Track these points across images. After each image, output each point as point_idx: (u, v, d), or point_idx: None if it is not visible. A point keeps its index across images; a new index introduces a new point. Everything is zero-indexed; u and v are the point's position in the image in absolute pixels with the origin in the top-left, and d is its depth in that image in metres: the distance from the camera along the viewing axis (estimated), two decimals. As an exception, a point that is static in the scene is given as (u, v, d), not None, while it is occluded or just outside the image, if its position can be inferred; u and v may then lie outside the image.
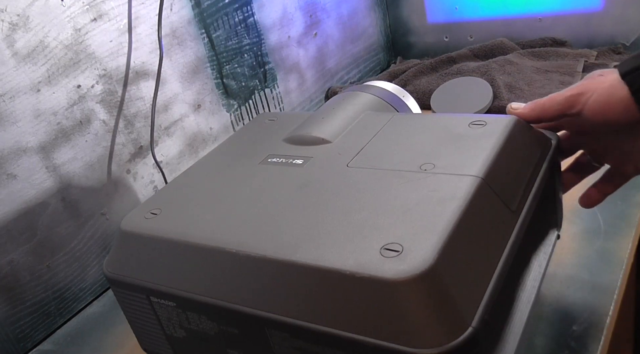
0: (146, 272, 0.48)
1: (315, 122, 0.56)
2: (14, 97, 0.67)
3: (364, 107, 0.59)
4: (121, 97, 0.79)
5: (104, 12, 0.75)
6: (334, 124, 0.56)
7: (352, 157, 0.50)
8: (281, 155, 0.53)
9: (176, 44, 0.86)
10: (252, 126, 0.63)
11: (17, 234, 0.69)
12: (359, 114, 0.57)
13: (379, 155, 0.49)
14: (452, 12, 1.25)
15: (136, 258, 0.48)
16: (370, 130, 0.54)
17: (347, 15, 1.22)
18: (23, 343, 0.71)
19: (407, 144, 0.50)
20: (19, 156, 0.68)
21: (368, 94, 0.62)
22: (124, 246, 0.49)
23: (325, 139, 0.53)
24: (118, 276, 0.49)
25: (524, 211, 0.44)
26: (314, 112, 0.60)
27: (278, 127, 0.60)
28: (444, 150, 0.47)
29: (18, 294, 0.70)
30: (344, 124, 0.56)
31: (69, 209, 0.74)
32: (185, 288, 0.45)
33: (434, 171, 0.45)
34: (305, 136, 0.55)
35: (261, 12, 1.00)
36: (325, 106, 0.61)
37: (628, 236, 0.63)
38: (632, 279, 0.77)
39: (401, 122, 0.54)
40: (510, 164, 0.46)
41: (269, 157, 0.54)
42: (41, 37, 0.69)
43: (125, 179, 0.81)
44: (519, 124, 0.50)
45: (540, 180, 0.48)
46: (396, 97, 0.63)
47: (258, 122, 0.63)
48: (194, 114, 0.90)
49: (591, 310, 0.55)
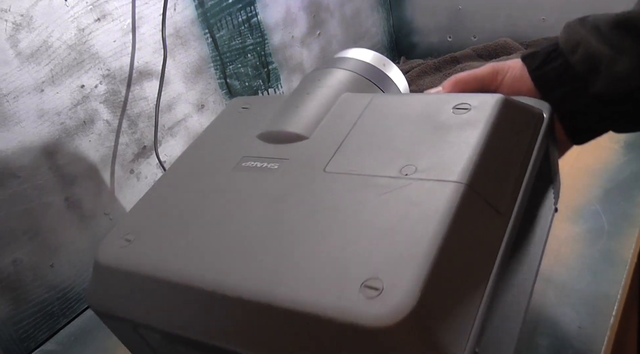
0: (127, 306, 0.46)
1: (289, 113, 0.53)
2: (18, 97, 0.67)
3: (341, 87, 0.54)
4: (125, 97, 0.79)
5: (108, 12, 0.75)
6: (309, 115, 0.52)
7: (329, 159, 0.46)
8: (255, 157, 0.50)
9: (180, 44, 0.86)
10: (226, 117, 0.59)
11: (20, 234, 0.69)
12: (335, 97, 0.53)
13: (357, 154, 0.46)
14: (456, 12, 1.25)
15: (116, 292, 0.47)
16: (347, 120, 0.50)
17: (351, 15, 1.22)
18: (26, 343, 0.72)
19: (386, 139, 0.46)
20: (23, 156, 0.68)
21: (344, 70, 0.57)
22: (102, 278, 0.47)
23: (301, 134, 0.50)
24: (99, 307, 0.47)
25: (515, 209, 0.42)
26: (289, 97, 0.56)
27: (252, 118, 0.56)
28: (425, 146, 0.44)
29: (21, 294, 0.70)
30: (319, 112, 0.52)
31: (72, 209, 0.74)
32: (168, 323, 0.43)
33: (415, 175, 0.41)
34: (279, 132, 0.51)
35: (265, 12, 1.00)
36: (300, 89, 0.56)
37: (632, 236, 0.62)
38: (635, 279, 0.77)
39: (380, 108, 0.50)
40: (498, 158, 0.43)
41: (243, 160, 0.50)
42: (45, 37, 0.69)
43: (128, 179, 0.81)
44: (507, 104, 0.45)
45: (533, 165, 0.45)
46: (375, 70, 0.58)
47: (232, 111, 0.59)
48: (197, 114, 0.90)
49: (595, 310, 0.54)
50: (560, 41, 0.51)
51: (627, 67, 0.46)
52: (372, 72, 0.57)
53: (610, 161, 0.76)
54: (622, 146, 0.79)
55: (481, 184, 0.40)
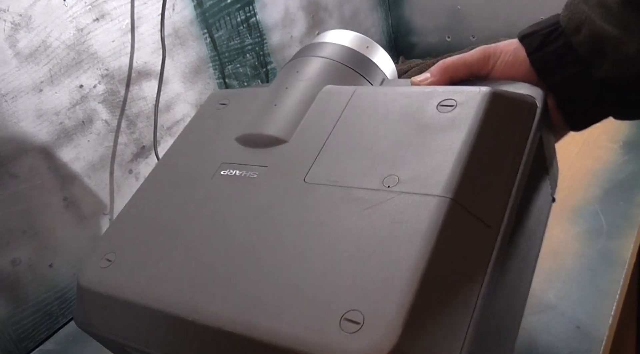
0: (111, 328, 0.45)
1: (268, 114, 0.50)
2: (17, 97, 0.67)
3: (321, 79, 0.51)
4: (123, 97, 0.79)
5: (106, 12, 0.75)
6: (288, 115, 0.49)
7: (309, 167, 0.44)
8: (234, 164, 0.48)
9: (178, 44, 0.86)
10: (204, 116, 0.57)
11: (19, 234, 0.69)
12: (315, 91, 0.50)
13: (338, 161, 0.43)
14: (455, 12, 1.25)
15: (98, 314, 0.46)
16: (328, 120, 0.47)
17: (350, 15, 1.22)
18: (25, 342, 0.71)
19: (368, 142, 0.44)
20: (22, 155, 0.68)
21: (324, 58, 0.53)
22: (84, 301, 0.47)
23: (280, 138, 0.48)
24: (86, 327, 0.47)
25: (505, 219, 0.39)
26: (268, 91, 0.53)
27: (230, 117, 0.54)
28: (409, 151, 0.41)
29: (20, 294, 0.70)
30: (298, 112, 0.49)
31: (71, 209, 0.74)
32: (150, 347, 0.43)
33: (397, 187, 0.39)
34: (258, 136, 0.49)
35: (263, 12, 1.00)
36: (279, 82, 0.53)
37: (631, 236, 0.62)
38: (634, 279, 0.77)
39: (361, 105, 0.47)
40: (486, 164, 0.40)
41: (222, 167, 0.49)
42: (43, 37, 0.69)
43: (127, 179, 0.81)
44: (494, 99, 0.42)
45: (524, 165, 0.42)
46: (357, 55, 0.54)
47: (209, 109, 0.57)
48: (196, 114, 0.90)
49: (594, 310, 0.54)
50: (562, 20, 0.47)
51: (636, 49, 0.43)
52: (354, 59, 0.54)
53: (610, 161, 0.76)
54: (621, 146, 0.79)
55: (467, 196, 0.37)
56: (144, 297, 0.42)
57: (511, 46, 0.49)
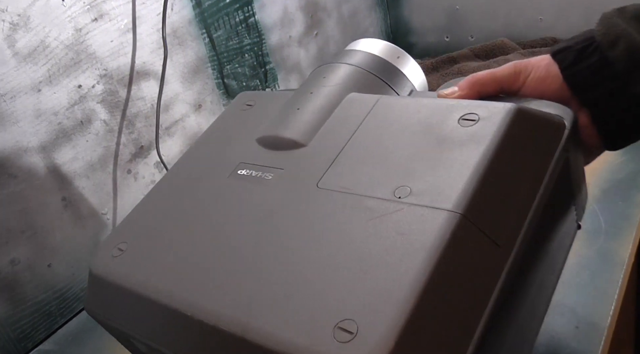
0: (117, 316, 0.46)
1: (290, 116, 0.51)
2: (15, 97, 0.67)
3: (347, 86, 0.51)
4: (122, 97, 0.79)
5: (105, 12, 0.75)
6: (309, 119, 0.49)
7: (323, 172, 0.44)
8: (251, 165, 0.49)
9: (177, 44, 0.86)
10: (229, 115, 0.57)
11: (18, 234, 0.69)
12: (339, 98, 0.50)
13: (353, 169, 0.43)
14: (453, 12, 1.25)
15: (107, 301, 0.47)
16: (348, 127, 0.47)
17: (348, 15, 1.22)
18: (24, 342, 0.71)
19: (384, 153, 0.43)
20: (20, 156, 0.68)
21: (352, 66, 0.53)
22: (95, 288, 0.48)
23: (299, 142, 0.48)
24: (94, 314, 0.48)
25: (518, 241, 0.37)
26: (293, 95, 0.54)
27: (254, 118, 0.54)
28: (424, 163, 0.40)
29: (19, 294, 0.70)
30: (320, 117, 0.49)
31: (69, 209, 0.74)
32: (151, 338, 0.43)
33: (408, 199, 0.38)
34: (277, 138, 0.50)
35: (262, 12, 1.00)
36: (305, 87, 0.53)
37: (629, 236, 0.63)
38: (632, 280, 0.77)
39: (383, 115, 0.47)
40: (502, 182, 0.38)
41: (239, 166, 0.49)
42: (42, 37, 0.69)
43: (125, 179, 0.81)
44: (519, 116, 0.41)
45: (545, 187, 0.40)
46: (386, 65, 0.54)
47: (236, 109, 0.58)
48: (194, 114, 0.90)
49: (592, 310, 0.55)
50: (597, 35, 0.45)
51: None
52: (383, 68, 0.54)
53: (608, 160, 0.76)
54: (619, 146, 0.79)
55: (479, 213, 0.36)
56: (147, 288, 0.43)
57: (543, 62, 0.47)
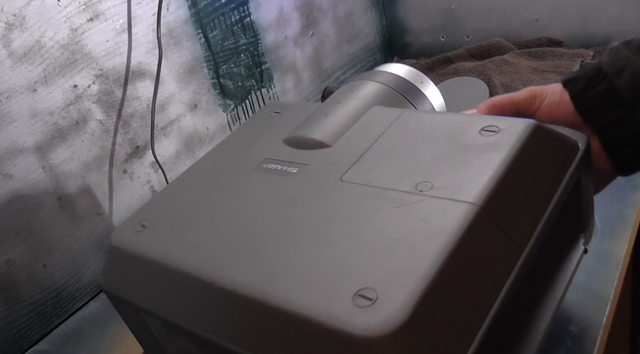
0: (133, 289, 0.47)
1: (317, 121, 0.54)
2: (10, 97, 0.67)
3: (373, 100, 0.55)
4: (118, 97, 0.79)
5: (101, 12, 0.75)
6: (336, 124, 0.52)
7: (347, 168, 0.46)
8: (277, 160, 0.51)
9: (172, 44, 0.86)
10: (257, 119, 0.60)
11: (13, 234, 0.69)
12: (365, 109, 0.53)
13: (376, 166, 0.45)
14: (449, 12, 1.25)
15: (124, 274, 0.48)
16: (373, 132, 0.50)
17: (344, 15, 1.22)
18: (19, 343, 0.71)
19: (407, 154, 0.46)
20: (16, 155, 0.68)
21: (378, 83, 0.57)
22: (113, 260, 0.49)
23: (324, 142, 0.51)
24: (109, 288, 0.49)
25: (532, 241, 0.39)
26: (321, 105, 0.57)
27: (281, 123, 0.57)
28: (446, 165, 0.43)
29: (14, 294, 0.70)
30: (346, 123, 0.52)
31: (65, 209, 0.74)
32: (167, 311, 0.44)
33: (429, 192, 0.40)
34: (304, 138, 0.52)
35: (258, 12, 1.00)
36: (332, 98, 0.57)
37: (625, 237, 0.63)
38: (628, 280, 0.78)
39: (407, 123, 0.50)
40: (520, 184, 0.41)
41: (265, 161, 0.52)
42: (37, 37, 0.69)
43: (121, 179, 0.81)
44: (537, 131, 0.43)
45: (559, 197, 0.42)
46: (410, 85, 0.58)
47: (264, 115, 0.60)
48: (190, 114, 0.90)
49: (588, 310, 0.55)
50: (604, 64, 0.48)
51: None
52: (406, 87, 0.58)
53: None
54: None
55: (497, 208, 0.38)
56: (166, 258, 0.44)
57: (558, 88, 0.50)
